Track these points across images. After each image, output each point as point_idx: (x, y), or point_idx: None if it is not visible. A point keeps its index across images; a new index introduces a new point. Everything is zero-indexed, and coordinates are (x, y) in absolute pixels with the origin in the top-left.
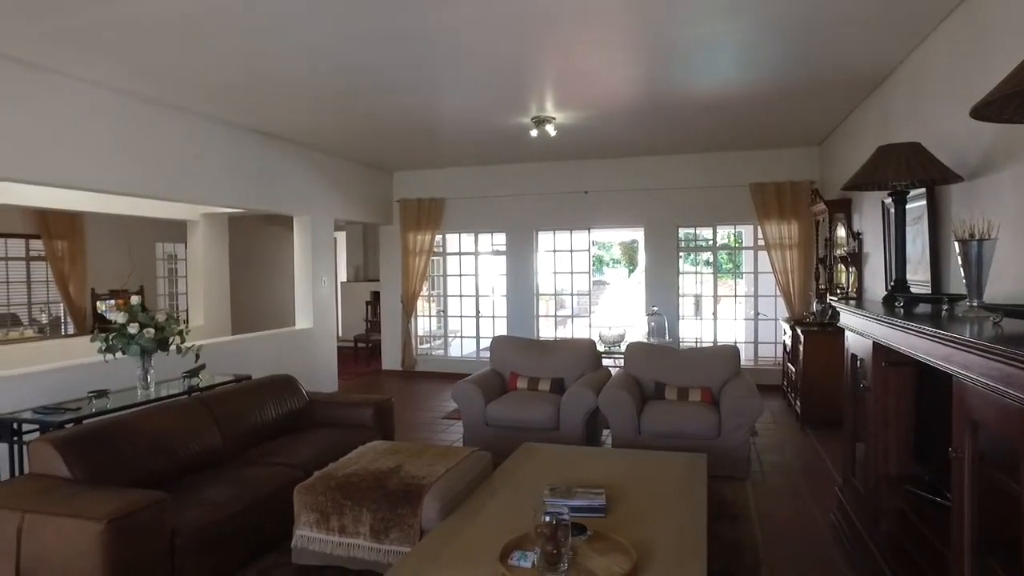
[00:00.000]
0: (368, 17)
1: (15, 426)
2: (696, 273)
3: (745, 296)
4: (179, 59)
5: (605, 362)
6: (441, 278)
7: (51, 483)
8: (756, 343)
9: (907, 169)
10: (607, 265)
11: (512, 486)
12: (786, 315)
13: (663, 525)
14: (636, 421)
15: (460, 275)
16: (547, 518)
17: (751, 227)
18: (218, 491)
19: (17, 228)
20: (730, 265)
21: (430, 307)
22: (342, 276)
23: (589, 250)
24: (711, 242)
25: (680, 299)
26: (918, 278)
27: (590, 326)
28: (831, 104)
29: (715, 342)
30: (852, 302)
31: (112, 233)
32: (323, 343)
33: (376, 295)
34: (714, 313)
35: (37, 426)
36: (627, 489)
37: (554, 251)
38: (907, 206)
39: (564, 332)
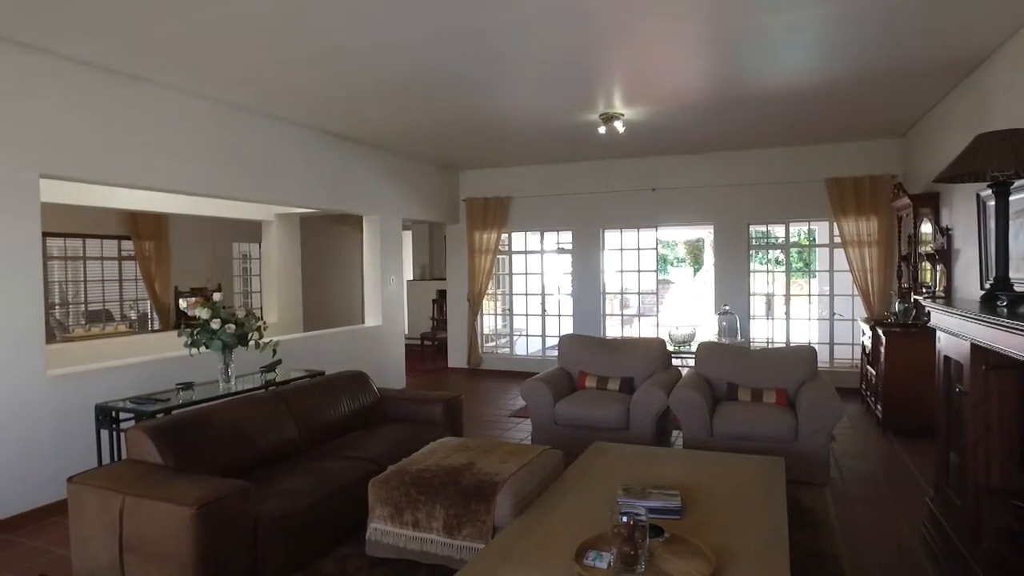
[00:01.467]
0: (437, 16)
1: (113, 414)
2: (767, 272)
3: (818, 295)
4: (257, 65)
5: (675, 362)
6: (507, 276)
7: (146, 469)
8: (831, 344)
9: (1013, 158)
10: (671, 264)
11: (584, 485)
12: (864, 315)
13: (742, 530)
14: (708, 422)
15: (526, 273)
16: (624, 518)
17: (826, 224)
18: (296, 482)
19: (111, 230)
20: (800, 264)
21: (496, 305)
22: (408, 275)
23: (656, 248)
24: (783, 239)
25: (751, 298)
26: (1021, 276)
27: (657, 325)
28: (919, 91)
29: (788, 342)
30: (940, 301)
31: (193, 233)
32: (391, 340)
33: (441, 293)
34: (786, 313)
35: (132, 415)
36: (702, 491)
37: (621, 249)
38: (1010, 198)
39: (630, 331)
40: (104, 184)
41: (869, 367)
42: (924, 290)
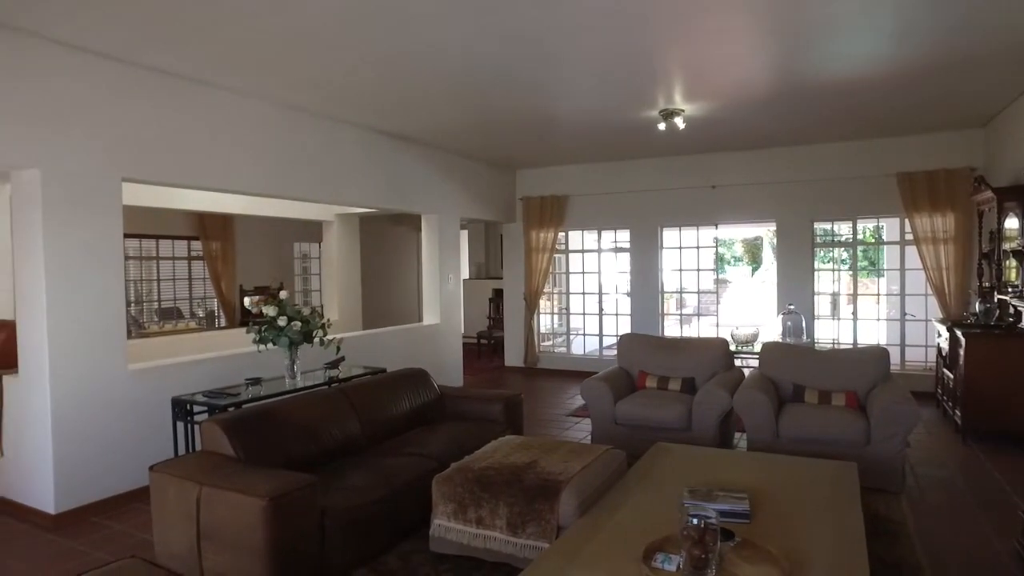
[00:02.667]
0: (496, 16)
1: (188, 407)
2: (833, 270)
3: (887, 295)
4: (322, 68)
5: (737, 362)
6: (563, 275)
7: (220, 460)
8: (902, 346)
9: None
10: (728, 263)
11: (648, 486)
12: (939, 316)
13: (816, 537)
14: (774, 424)
15: (583, 272)
16: (694, 521)
17: (896, 220)
18: (360, 477)
19: (181, 230)
20: (864, 262)
21: (552, 304)
22: (464, 274)
23: (716, 247)
24: (849, 237)
25: (815, 298)
26: None
27: (717, 325)
28: (1004, 77)
29: (854, 343)
30: None
31: (257, 234)
32: (449, 339)
33: (497, 292)
34: (853, 313)
35: (205, 408)
36: (770, 495)
37: (679, 248)
38: None
39: (689, 331)
40: (178, 186)
41: (946, 370)
42: (1010, 289)
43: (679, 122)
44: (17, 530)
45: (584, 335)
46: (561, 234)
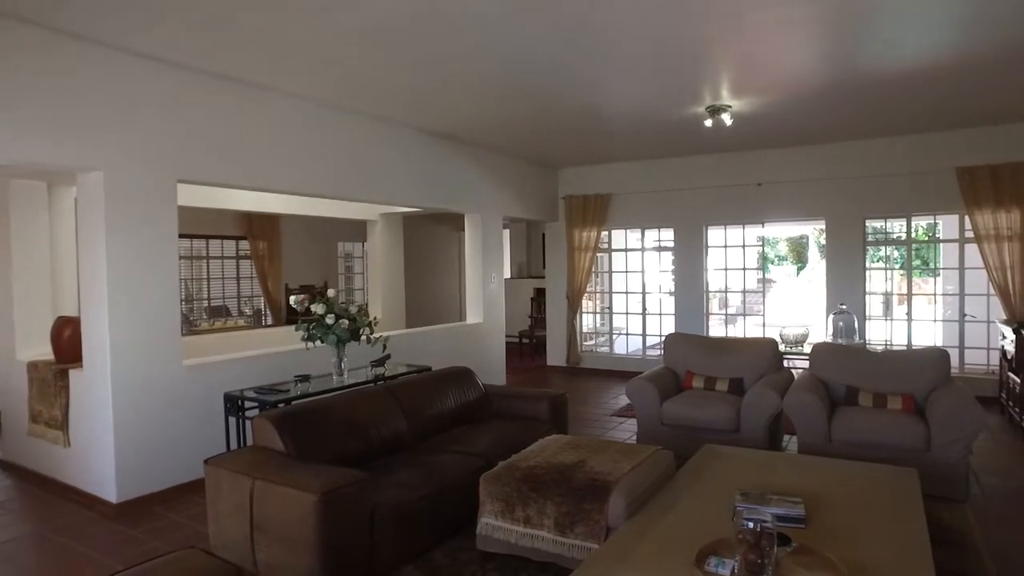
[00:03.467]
0: (543, 13)
1: (239, 402)
2: (885, 269)
3: (942, 295)
4: (370, 69)
5: (785, 363)
6: (606, 274)
7: (271, 455)
8: (961, 348)
9: None
10: (771, 263)
11: (698, 488)
12: (1004, 317)
13: (876, 545)
14: (827, 427)
15: (626, 271)
16: (749, 524)
17: (955, 217)
18: (408, 474)
19: (229, 230)
20: (917, 260)
21: (595, 304)
22: (506, 273)
23: (763, 245)
24: (900, 234)
25: (866, 297)
26: None
27: (763, 325)
28: None
29: (909, 345)
30: None
31: (302, 233)
32: (492, 338)
33: (539, 291)
34: (908, 313)
35: (256, 403)
36: (826, 500)
37: (725, 246)
38: None
39: (733, 331)
40: (231, 187)
41: (1012, 374)
42: None
43: (726, 118)
44: (84, 518)
45: (627, 335)
46: (604, 233)
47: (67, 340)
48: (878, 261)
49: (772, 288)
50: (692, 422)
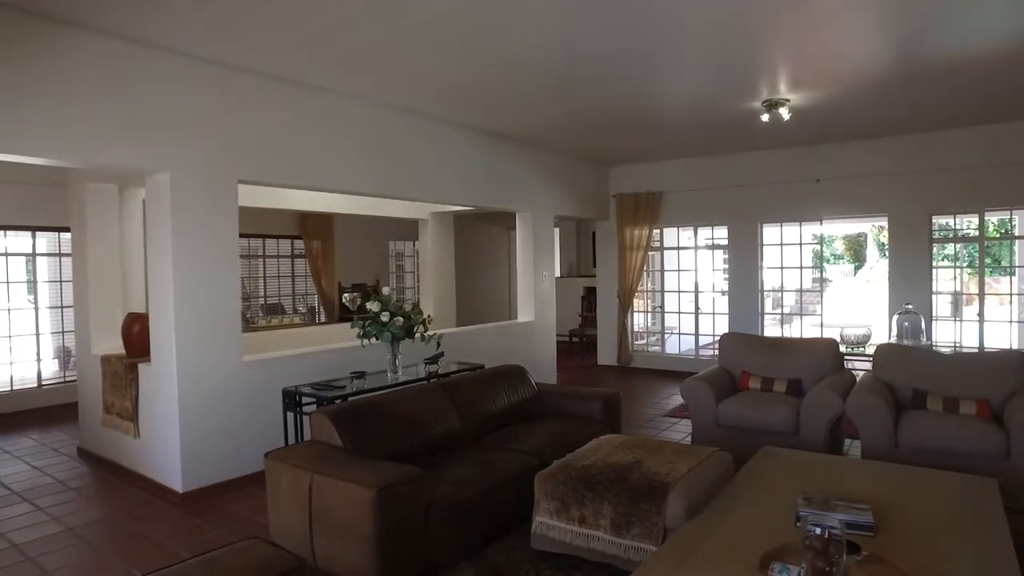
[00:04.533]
0: (596, 8)
1: (297, 398)
2: (954, 267)
3: (1018, 294)
4: (424, 69)
5: (846, 364)
6: (658, 273)
7: (329, 450)
8: None
9: None
10: (827, 261)
11: (757, 491)
12: None
13: (954, 557)
14: (892, 432)
15: (678, 270)
16: (816, 530)
17: None
18: (462, 471)
19: (284, 230)
20: (988, 258)
21: (646, 302)
22: (556, 272)
23: (822, 244)
24: (974, 231)
25: (933, 297)
26: None
27: (821, 325)
28: None
29: (981, 347)
30: None
31: (355, 233)
32: (543, 336)
33: (589, 290)
34: (979, 314)
35: (313, 399)
36: (895, 508)
37: (781, 244)
38: None
39: (789, 331)
40: (289, 187)
41: None
42: None
43: (784, 113)
44: (153, 505)
45: (679, 334)
46: (656, 231)
47: (136, 335)
48: (944, 259)
49: (828, 287)
50: (749, 423)
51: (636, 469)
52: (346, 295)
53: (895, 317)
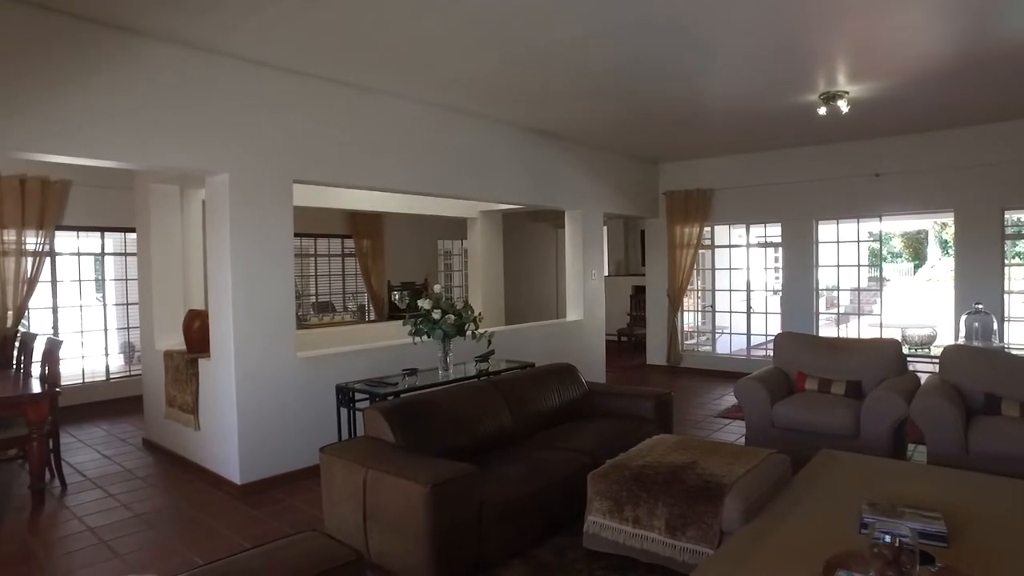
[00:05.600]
0: (643, 3)
1: (350, 394)
2: None
3: None
4: (471, 67)
5: (909, 366)
6: (709, 271)
7: (382, 446)
8: None
9: None
10: (884, 260)
11: (817, 495)
12: None
13: None
14: (963, 437)
15: (729, 269)
16: (886, 538)
17: None
18: (514, 469)
19: (335, 229)
20: None
21: (696, 301)
22: (604, 270)
23: (880, 241)
24: None
25: (1006, 296)
26: None
27: (880, 325)
28: None
29: None
30: None
31: (404, 231)
32: (592, 335)
33: (637, 289)
34: None
35: (366, 395)
36: (969, 518)
37: (837, 242)
38: None
39: (845, 331)
40: (341, 186)
41: None
42: None
43: (842, 105)
44: (213, 496)
45: (730, 334)
46: (706, 229)
47: (196, 331)
48: (1016, 257)
49: (886, 287)
50: (806, 426)
51: (691, 470)
52: (395, 293)
53: (963, 317)
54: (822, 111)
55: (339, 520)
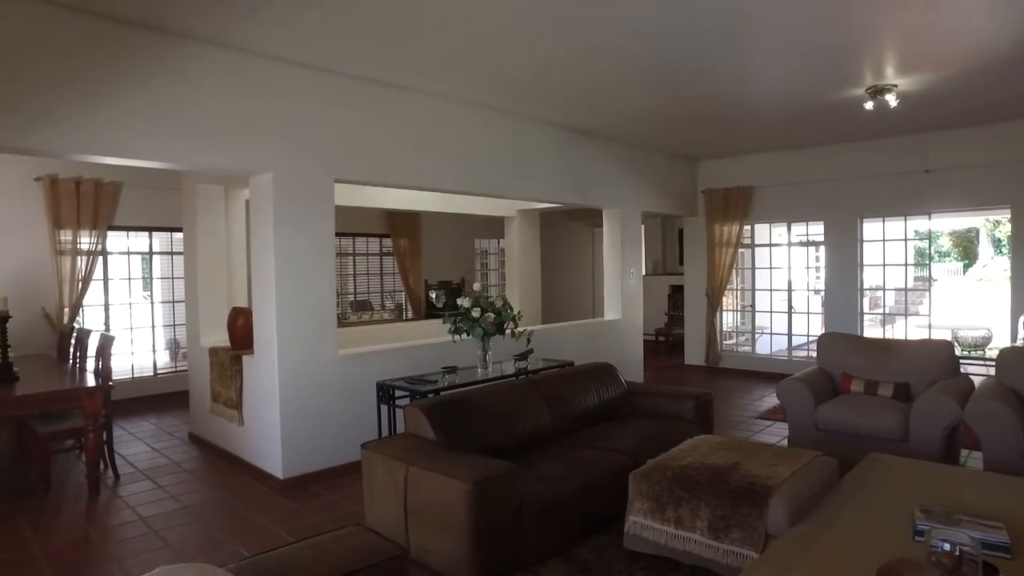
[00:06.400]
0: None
1: (390, 391)
2: None
3: None
4: (511, 67)
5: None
6: (748, 271)
7: (423, 443)
8: None
9: None
10: (931, 259)
11: (866, 499)
12: None
13: None
14: (1023, 444)
15: (770, 268)
16: (946, 546)
17: None
18: (553, 468)
19: (373, 228)
20: None
21: (735, 301)
22: (641, 270)
23: (930, 240)
24: None
25: None
26: None
27: (929, 327)
28: None
29: None
30: None
31: (441, 231)
32: (630, 335)
33: (675, 288)
34: None
35: (406, 393)
36: None
37: (883, 240)
38: None
39: (891, 332)
40: (380, 185)
41: None
42: None
43: (890, 99)
44: (256, 490)
45: (770, 334)
46: (746, 227)
47: (240, 328)
48: None
49: (933, 287)
50: (852, 428)
51: (735, 471)
52: (433, 292)
53: (1021, 319)
54: (869, 106)
55: (380, 516)
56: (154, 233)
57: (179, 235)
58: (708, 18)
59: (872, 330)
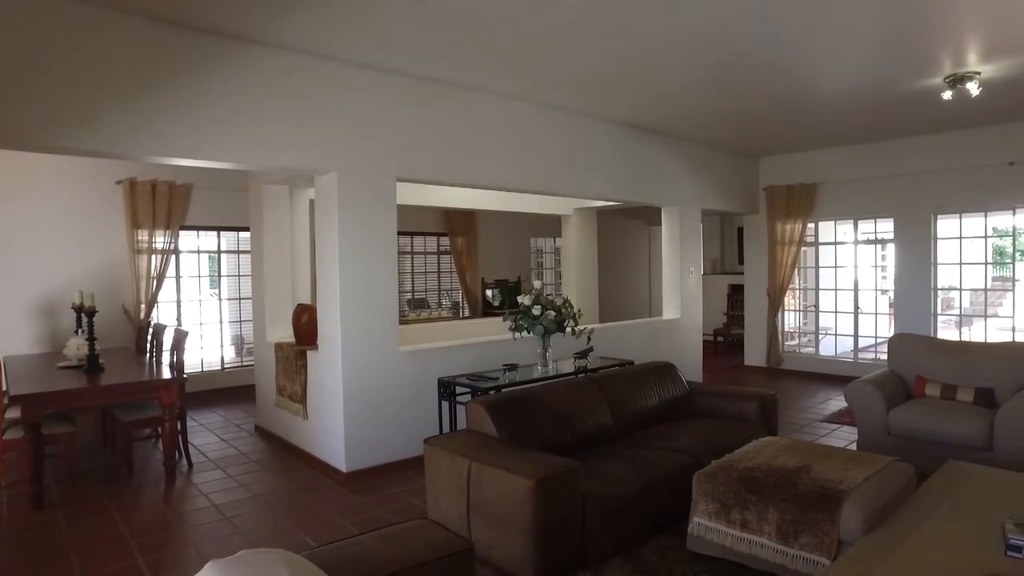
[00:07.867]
0: None
1: (452, 388)
2: None
3: None
4: (569, 62)
5: None
6: (812, 270)
7: (485, 440)
8: None
9: None
10: (1014, 258)
11: (947, 509)
12: None
13: None
14: None
15: (835, 267)
16: None
17: None
18: (615, 467)
19: (431, 227)
20: None
21: (798, 301)
22: (700, 268)
23: (1014, 237)
24: None
25: None
26: None
27: (1012, 329)
28: None
29: None
30: None
31: (497, 229)
32: (689, 334)
33: (734, 288)
34: None
35: (468, 389)
36: None
37: (960, 238)
38: None
39: (968, 334)
40: (442, 184)
41: None
42: None
43: (972, 88)
44: (321, 482)
45: (835, 335)
46: (810, 225)
47: (305, 324)
48: None
49: (1016, 286)
50: (928, 435)
51: (805, 474)
52: (490, 290)
53: None
54: (947, 95)
55: (442, 511)
56: (222, 232)
57: (245, 234)
58: (764, 12)
59: (947, 332)
